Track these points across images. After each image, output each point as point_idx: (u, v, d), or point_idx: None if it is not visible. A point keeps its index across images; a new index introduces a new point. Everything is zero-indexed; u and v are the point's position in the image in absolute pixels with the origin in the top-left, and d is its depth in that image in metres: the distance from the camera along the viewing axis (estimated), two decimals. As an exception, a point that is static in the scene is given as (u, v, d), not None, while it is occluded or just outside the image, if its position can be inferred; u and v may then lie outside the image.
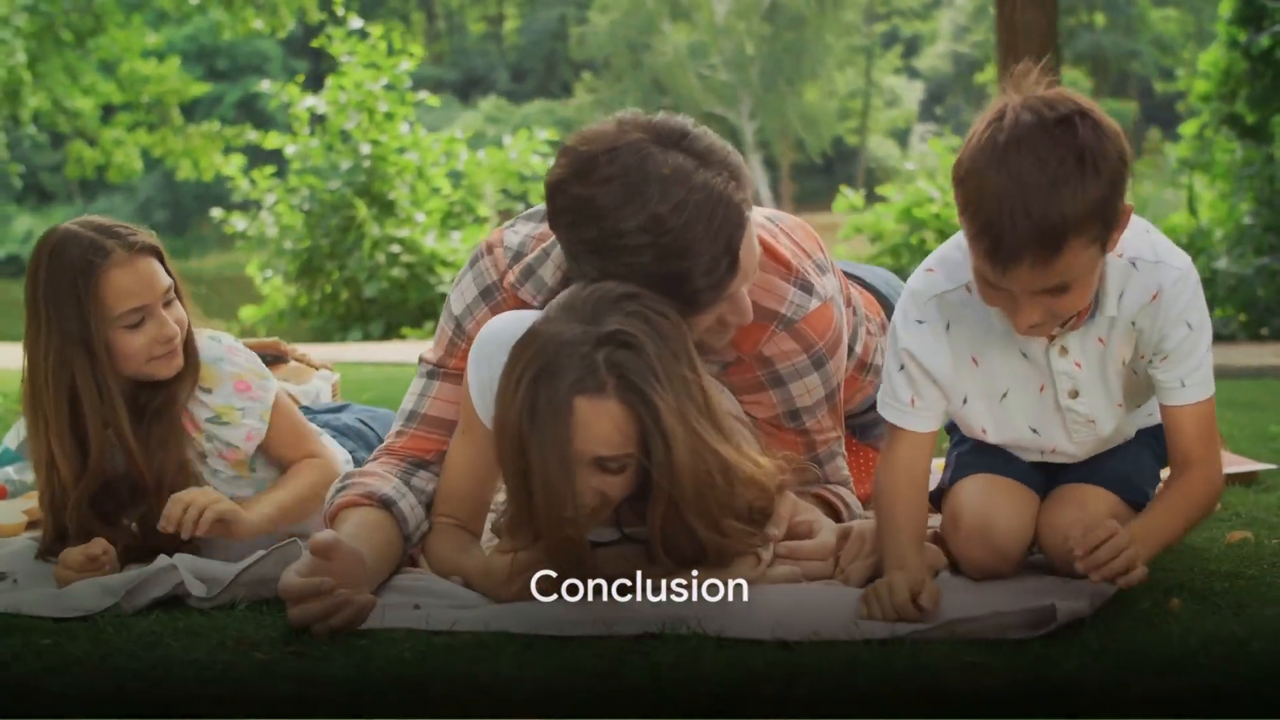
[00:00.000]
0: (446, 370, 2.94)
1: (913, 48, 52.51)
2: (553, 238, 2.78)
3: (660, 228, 2.44)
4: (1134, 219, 2.42)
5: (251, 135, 19.14)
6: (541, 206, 2.88)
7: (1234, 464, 3.80)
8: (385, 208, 13.88)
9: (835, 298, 2.89)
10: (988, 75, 48.02)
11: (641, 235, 2.45)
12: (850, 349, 3.03)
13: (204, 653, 2.36)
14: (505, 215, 14.65)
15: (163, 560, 2.80)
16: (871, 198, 13.99)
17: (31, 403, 3.09)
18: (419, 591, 2.68)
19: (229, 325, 14.61)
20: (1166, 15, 46.77)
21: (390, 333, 13.73)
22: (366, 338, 13.64)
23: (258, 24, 20.12)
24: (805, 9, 45.83)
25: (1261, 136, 12.06)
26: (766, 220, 2.90)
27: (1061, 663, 2.05)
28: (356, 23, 14.49)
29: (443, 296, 13.63)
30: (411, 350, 11.42)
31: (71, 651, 2.39)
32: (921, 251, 12.51)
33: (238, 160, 14.77)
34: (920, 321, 2.54)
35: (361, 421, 3.79)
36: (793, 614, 2.33)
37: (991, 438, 2.65)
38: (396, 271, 13.57)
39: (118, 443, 3.07)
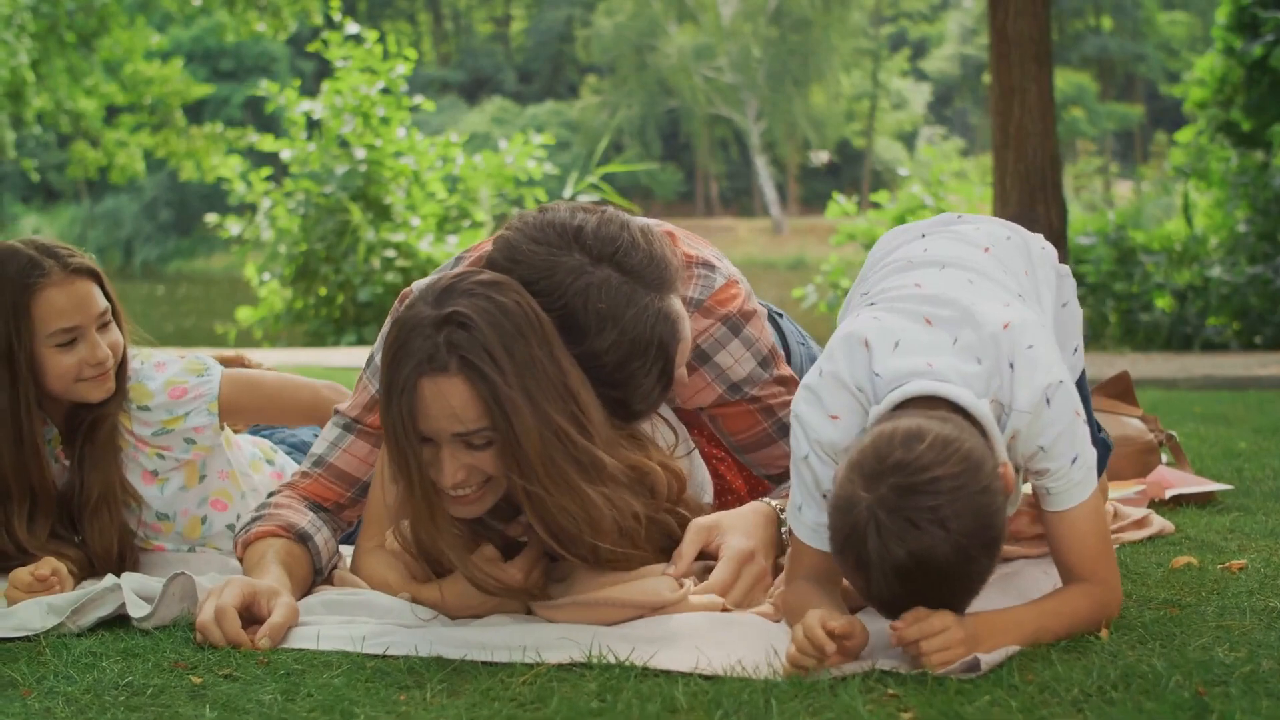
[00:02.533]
0: (362, 427, 2.97)
1: (920, 50, 52.48)
2: None
3: (596, 361, 2.54)
4: (1011, 347, 2.39)
5: (254, 137, 19.23)
6: (458, 255, 3.03)
7: (1191, 484, 3.80)
8: (381, 212, 13.90)
9: (738, 277, 2.94)
10: (994, 78, 47.86)
11: (579, 362, 2.54)
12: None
13: (139, 675, 2.37)
14: (501, 219, 14.66)
15: (109, 580, 2.82)
16: (865, 204, 13.98)
17: None
18: (358, 608, 2.69)
19: (226, 327, 14.65)
20: (1174, 19, 46.73)
21: (386, 337, 13.73)
22: (361, 341, 13.65)
23: (260, 26, 20.14)
24: (812, 11, 45.83)
25: (1257, 144, 12.06)
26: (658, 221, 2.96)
27: (977, 696, 2.06)
28: (353, 28, 14.50)
29: (438, 301, 13.60)
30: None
31: (9, 674, 2.41)
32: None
33: (234, 162, 14.79)
34: (837, 462, 2.42)
35: (316, 436, 3.83)
36: (717, 646, 2.34)
37: None
38: (391, 276, 13.58)
39: (32, 462, 3.10)
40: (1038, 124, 10.37)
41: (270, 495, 3.01)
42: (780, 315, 3.39)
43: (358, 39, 14.40)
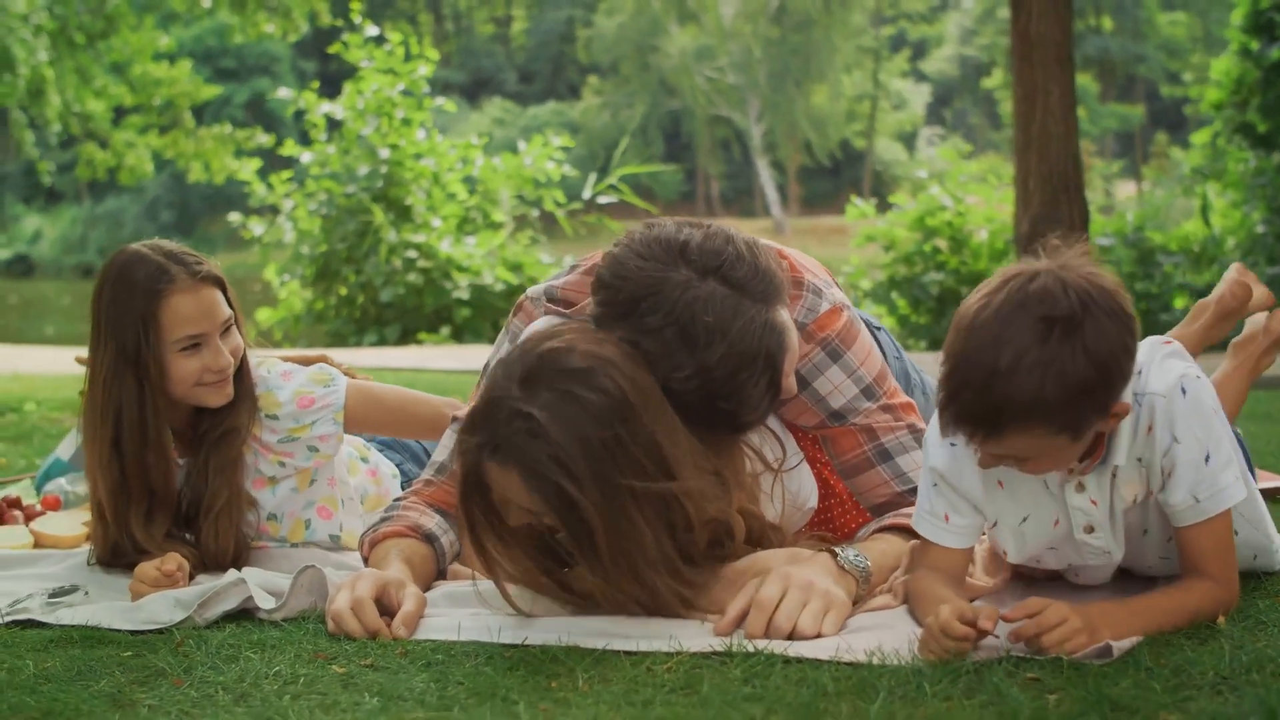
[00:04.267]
0: None
1: (920, 51, 52.59)
2: (584, 303, 2.90)
3: (707, 376, 2.57)
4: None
5: (263, 138, 19.26)
6: (573, 264, 3.08)
7: (1265, 479, 3.87)
8: (402, 213, 13.99)
9: (845, 303, 2.97)
10: (994, 80, 48.21)
11: (689, 381, 2.57)
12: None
13: (284, 665, 2.44)
14: (520, 220, 14.75)
15: (232, 574, 2.90)
16: (883, 205, 14.04)
17: (87, 416, 3.21)
18: (481, 600, 2.76)
19: (246, 327, 14.71)
20: (1174, 20, 46.83)
21: (406, 337, 13.83)
22: (382, 342, 13.73)
23: (269, 28, 20.14)
24: (813, 11, 45.93)
25: (1273, 145, 12.15)
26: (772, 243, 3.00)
27: (1119, 679, 2.14)
28: (373, 29, 14.59)
29: (458, 301, 13.75)
30: (428, 355, 11.51)
31: (155, 663, 2.48)
32: (934, 260, 12.57)
33: (254, 165, 14.88)
34: (953, 444, 2.54)
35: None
36: (856, 632, 2.43)
37: (1012, 558, 2.67)
38: (413, 276, 13.67)
39: (156, 463, 3.18)
40: (1059, 125, 10.44)
41: (397, 500, 3.09)
42: (879, 328, 3.44)
43: (379, 40, 14.50)
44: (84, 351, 3.28)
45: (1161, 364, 2.48)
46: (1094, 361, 2.26)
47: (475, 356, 11.59)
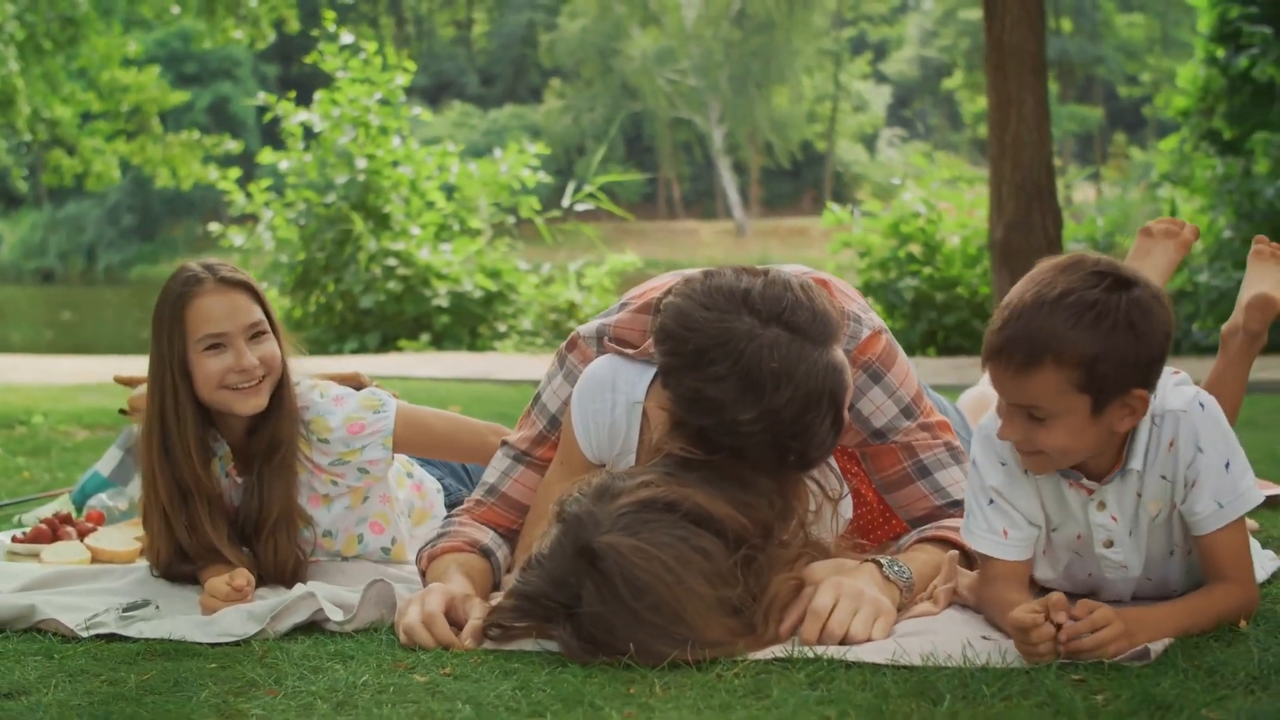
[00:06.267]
0: (533, 459, 3.23)
1: (880, 53, 52.95)
2: (647, 343, 3.04)
3: (775, 419, 2.69)
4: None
5: (231, 145, 19.29)
6: (623, 300, 3.23)
7: (1264, 487, 4.06)
8: (380, 221, 14.11)
9: (882, 327, 3.13)
10: (955, 81, 48.64)
11: (757, 424, 2.69)
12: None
13: (369, 675, 2.58)
14: (498, 227, 14.89)
15: (300, 588, 3.05)
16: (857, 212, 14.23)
17: (145, 423, 3.37)
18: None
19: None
20: (1132, 21, 47.33)
21: (386, 344, 13.95)
22: (362, 349, 13.84)
23: (238, 34, 20.15)
24: (774, 14, 46.18)
25: (1239, 152, 12.42)
26: (809, 268, 3.17)
27: (1159, 679, 2.32)
28: (347, 38, 14.70)
29: (438, 309, 13.87)
30: (408, 362, 11.63)
31: (245, 674, 2.61)
32: (908, 266, 12.78)
33: (235, 174, 14.97)
34: (1004, 464, 2.75)
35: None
36: (912, 637, 2.61)
37: (1042, 572, 2.85)
38: (392, 284, 13.78)
39: (189, 465, 3.30)
40: (1033, 133, 10.67)
41: (449, 518, 3.25)
42: None
43: (355, 49, 14.61)
44: (119, 369, 3.39)
45: (1175, 387, 2.69)
46: (1132, 323, 2.48)
47: (456, 363, 11.72)
